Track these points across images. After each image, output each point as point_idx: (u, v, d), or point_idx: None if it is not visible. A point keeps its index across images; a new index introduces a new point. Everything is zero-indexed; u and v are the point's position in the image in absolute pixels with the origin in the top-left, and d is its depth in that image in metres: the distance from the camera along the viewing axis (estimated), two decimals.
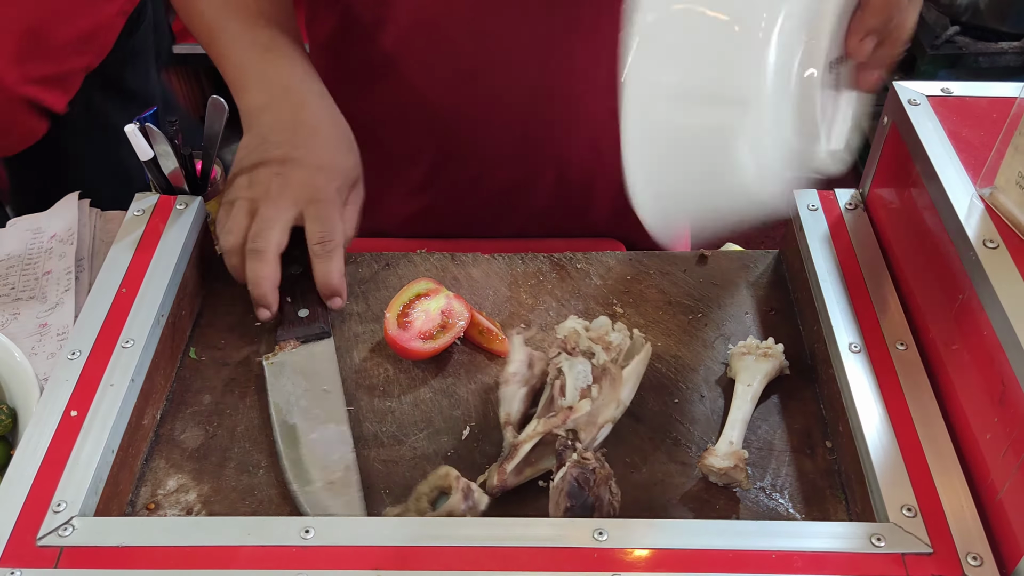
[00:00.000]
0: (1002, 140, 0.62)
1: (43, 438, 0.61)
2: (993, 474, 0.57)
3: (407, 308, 0.74)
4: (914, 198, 0.70)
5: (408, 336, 0.73)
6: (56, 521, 0.57)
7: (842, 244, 0.76)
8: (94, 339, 0.68)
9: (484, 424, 0.70)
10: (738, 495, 0.65)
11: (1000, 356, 0.56)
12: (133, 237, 0.76)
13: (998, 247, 0.59)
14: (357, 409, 0.71)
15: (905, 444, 0.60)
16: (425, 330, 0.73)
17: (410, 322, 0.73)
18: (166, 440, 0.69)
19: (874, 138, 0.78)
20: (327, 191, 0.76)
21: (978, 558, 0.54)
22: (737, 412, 0.68)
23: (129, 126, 0.77)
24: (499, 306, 0.80)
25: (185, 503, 0.65)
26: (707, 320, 0.78)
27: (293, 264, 0.77)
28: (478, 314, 0.76)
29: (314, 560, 0.55)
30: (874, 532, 0.56)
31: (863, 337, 0.68)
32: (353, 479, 0.65)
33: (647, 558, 0.55)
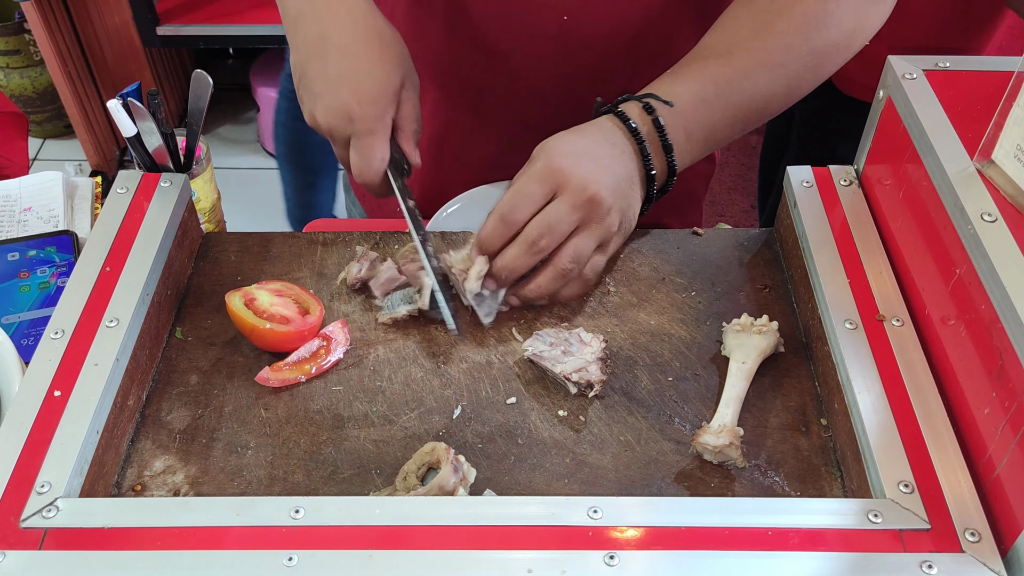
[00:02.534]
0: (999, 113, 0.62)
1: (26, 418, 0.60)
2: (991, 449, 0.57)
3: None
4: (910, 173, 0.69)
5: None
6: (40, 502, 0.56)
7: (837, 220, 0.75)
8: (77, 318, 0.67)
9: (475, 403, 0.69)
10: (733, 473, 0.64)
11: (998, 330, 0.56)
12: (117, 215, 0.75)
13: (996, 220, 0.59)
14: (347, 389, 0.70)
15: (901, 420, 0.60)
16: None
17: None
18: (152, 421, 0.68)
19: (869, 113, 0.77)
20: (365, 121, 0.74)
21: (976, 534, 0.54)
22: (732, 390, 0.68)
23: (112, 101, 0.76)
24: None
25: (172, 484, 0.64)
26: (701, 298, 0.78)
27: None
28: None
29: (304, 540, 0.54)
30: (871, 508, 0.55)
31: (858, 313, 0.67)
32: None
33: (642, 536, 0.54)
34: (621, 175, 0.74)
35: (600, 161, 0.73)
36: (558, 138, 0.75)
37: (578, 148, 0.74)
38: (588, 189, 0.71)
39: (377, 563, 0.53)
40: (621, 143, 0.76)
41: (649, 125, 0.76)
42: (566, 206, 0.71)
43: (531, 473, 0.65)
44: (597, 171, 0.72)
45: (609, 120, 0.77)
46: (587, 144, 0.75)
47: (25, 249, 0.91)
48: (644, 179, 0.77)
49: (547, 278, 0.73)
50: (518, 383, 0.71)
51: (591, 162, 0.73)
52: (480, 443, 0.67)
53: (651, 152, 0.76)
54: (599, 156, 0.74)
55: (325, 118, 0.75)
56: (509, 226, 0.72)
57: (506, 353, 0.73)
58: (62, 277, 0.87)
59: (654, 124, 0.76)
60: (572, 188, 0.71)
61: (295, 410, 0.69)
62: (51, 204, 0.99)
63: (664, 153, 0.77)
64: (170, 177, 0.79)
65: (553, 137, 0.75)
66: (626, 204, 0.75)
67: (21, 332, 0.82)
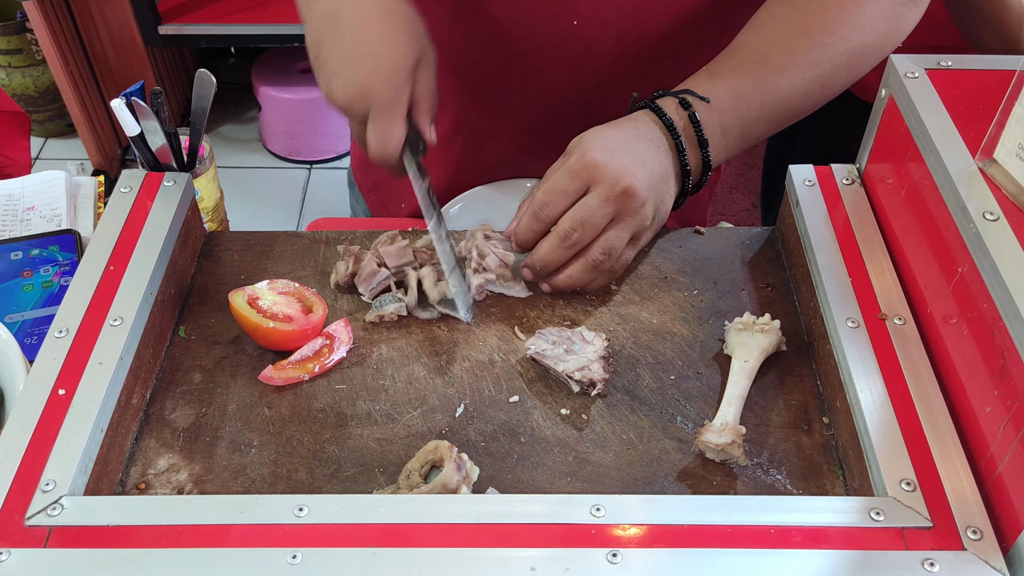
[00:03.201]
0: (1002, 112, 0.62)
1: (31, 417, 0.60)
2: (993, 448, 0.57)
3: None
4: (912, 172, 0.70)
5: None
6: (45, 501, 0.56)
7: (839, 219, 0.75)
8: (81, 317, 0.67)
9: (478, 401, 0.69)
10: (735, 471, 0.65)
11: (1000, 329, 0.56)
12: (120, 214, 0.75)
13: (998, 219, 0.59)
14: (350, 387, 0.71)
15: (904, 418, 0.60)
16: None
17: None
18: (156, 419, 0.68)
19: (871, 112, 0.77)
20: (382, 99, 0.72)
21: (978, 532, 0.54)
22: (734, 388, 0.68)
23: (115, 101, 0.76)
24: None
25: (176, 483, 0.64)
26: (703, 296, 0.78)
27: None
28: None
29: (308, 538, 0.54)
30: (873, 506, 0.55)
31: (860, 312, 0.67)
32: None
33: (644, 534, 0.54)
34: (656, 169, 0.75)
35: (635, 155, 0.74)
36: (594, 132, 0.76)
37: (613, 142, 0.74)
38: (622, 182, 0.72)
39: (380, 561, 0.53)
40: (657, 138, 0.76)
41: (685, 120, 0.77)
42: (599, 199, 0.72)
43: (534, 471, 0.65)
44: (632, 164, 0.73)
45: (645, 115, 0.78)
46: (623, 138, 0.75)
47: (28, 248, 0.91)
48: (679, 174, 0.78)
49: (579, 269, 0.75)
50: (520, 381, 0.71)
51: (626, 155, 0.73)
52: (483, 441, 0.67)
53: (687, 147, 0.77)
54: (634, 150, 0.74)
55: (343, 95, 0.73)
56: (543, 222, 0.74)
57: (508, 351, 0.73)
58: (65, 276, 0.88)
59: (690, 119, 0.77)
60: (606, 182, 0.72)
61: (298, 408, 0.69)
62: (54, 203, 0.99)
63: (700, 148, 0.77)
64: (173, 176, 0.79)
65: (588, 131, 0.76)
66: (659, 198, 0.76)
67: (24, 331, 0.82)
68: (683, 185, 0.79)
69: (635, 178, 0.72)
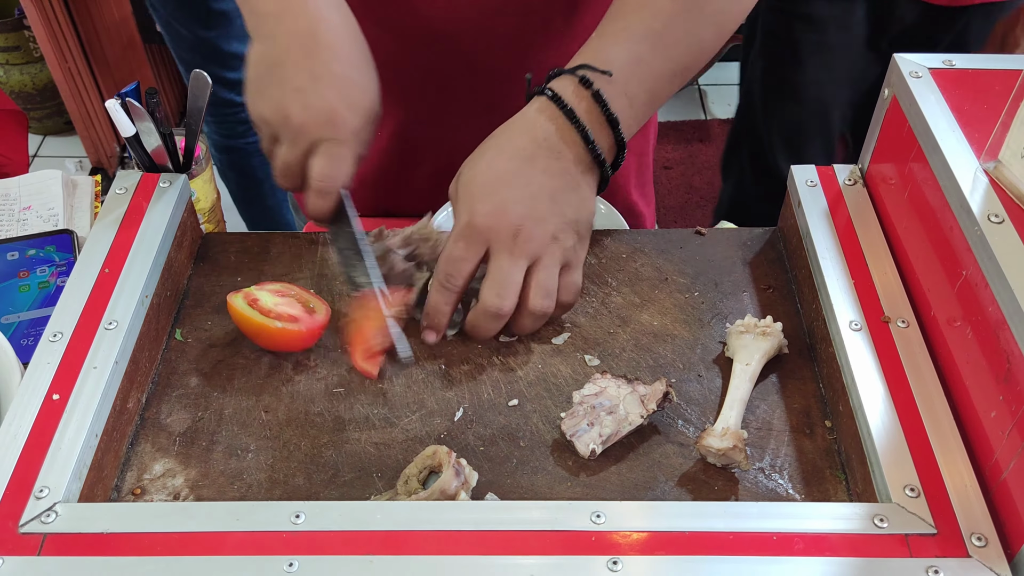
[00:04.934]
0: (1007, 113, 0.61)
1: (24, 422, 0.60)
2: (997, 453, 0.56)
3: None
4: (915, 173, 0.69)
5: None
6: (39, 507, 0.55)
7: (841, 220, 0.74)
8: (76, 321, 0.66)
9: (477, 405, 0.69)
10: (737, 476, 0.64)
11: (1005, 333, 0.55)
12: (116, 215, 0.75)
13: (1003, 222, 0.58)
14: (348, 391, 0.70)
15: (907, 423, 0.59)
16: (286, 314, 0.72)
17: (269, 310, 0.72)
18: (152, 424, 0.68)
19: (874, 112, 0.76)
20: (345, 128, 0.70)
21: (983, 538, 0.53)
22: (735, 392, 0.67)
23: (110, 101, 0.75)
24: None
25: (172, 488, 0.63)
26: (704, 298, 0.77)
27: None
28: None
29: (305, 546, 0.53)
30: (877, 513, 0.55)
31: (863, 315, 0.67)
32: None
33: (645, 540, 0.54)
34: (556, 187, 0.71)
35: (524, 185, 0.70)
36: (473, 167, 0.72)
37: (495, 175, 0.70)
38: (521, 232, 0.68)
39: (378, 568, 0.52)
40: (554, 142, 0.71)
41: (588, 101, 0.71)
42: (507, 259, 0.69)
43: (533, 476, 0.64)
44: (523, 201, 0.69)
45: (539, 111, 0.72)
46: (508, 164, 0.71)
47: (24, 248, 0.90)
48: (593, 164, 0.72)
49: (529, 321, 0.72)
50: (520, 385, 0.70)
51: (514, 191, 0.69)
52: (482, 446, 0.66)
53: (593, 134, 0.71)
54: (522, 176, 0.70)
55: (301, 115, 0.69)
56: (452, 292, 0.71)
57: (508, 355, 0.73)
58: (62, 276, 0.87)
59: (594, 98, 0.71)
60: (503, 238, 0.69)
61: (295, 413, 0.68)
62: (51, 203, 0.98)
63: (610, 128, 0.72)
64: (169, 177, 0.78)
65: (468, 165, 0.72)
66: (572, 214, 0.71)
67: (21, 332, 0.82)
68: (602, 172, 0.73)
69: (531, 219, 0.68)
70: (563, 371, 0.71)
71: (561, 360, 0.72)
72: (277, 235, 0.83)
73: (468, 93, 0.94)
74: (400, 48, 0.84)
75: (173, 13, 1.73)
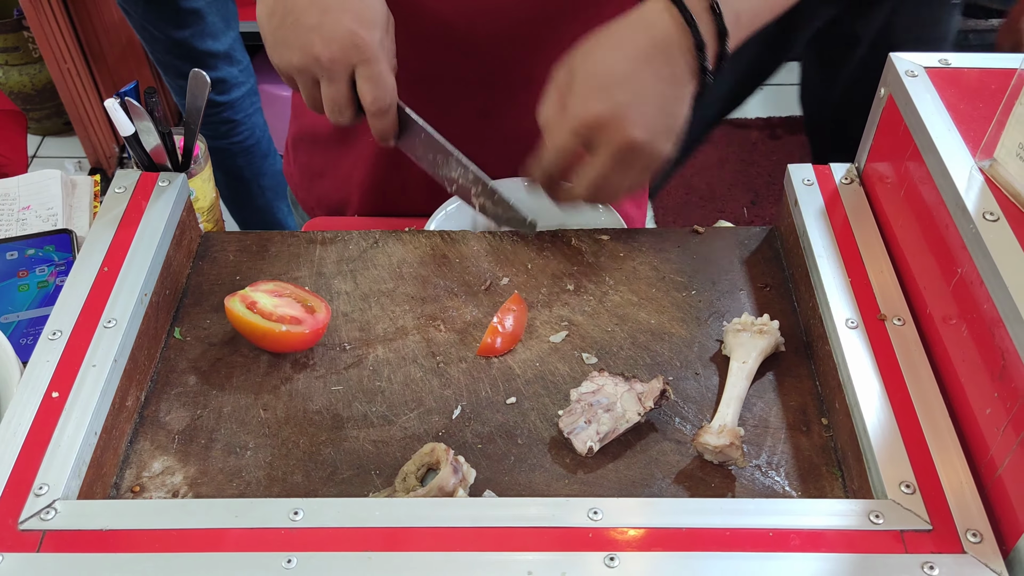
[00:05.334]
0: (1002, 111, 0.61)
1: (24, 420, 0.60)
2: (992, 450, 0.57)
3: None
4: (911, 171, 0.69)
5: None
6: (38, 504, 0.56)
7: (838, 219, 0.74)
8: (75, 319, 0.66)
9: (475, 403, 0.69)
10: (733, 473, 0.64)
11: (1000, 330, 0.55)
12: (115, 214, 0.75)
13: (998, 220, 0.58)
14: (346, 389, 0.70)
15: (903, 420, 0.60)
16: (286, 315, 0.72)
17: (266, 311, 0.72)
18: (151, 422, 0.68)
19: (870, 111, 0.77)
20: (372, 47, 0.72)
21: (978, 535, 0.54)
22: (732, 390, 0.68)
23: (109, 101, 0.76)
24: (489, 284, 0.79)
25: (171, 485, 0.64)
26: (701, 297, 0.77)
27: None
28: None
29: (303, 542, 0.54)
30: (872, 509, 0.55)
31: (859, 313, 0.67)
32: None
33: (642, 537, 0.54)
34: (667, 95, 0.71)
35: (639, 84, 0.70)
36: (586, 58, 0.72)
37: (611, 74, 0.70)
38: (627, 136, 0.69)
39: (376, 565, 0.53)
40: (668, 42, 0.70)
41: (707, 11, 0.70)
42: (608, 161, 0.71)
43: (531, 473, 0.64)
44: (636, 104, 0.69)
45: (661, 11, 0.71)
46: (622, 66, 0.70)
47: (24, 248, 0.91)
48: (697, 71, 0.71)
49: (577, 199, 0.76)
50: (518, 383, 0.71)
51: (628, 91, 0.69)
52: (480, 443, 0.66)
53: (706, 40, 0.70)
54: (636, 80, 0.70)
55: (326, 49, 0.71)
56: (557, 178, 0.76)
57: (506, 353, 0.73)
58: (61, 276, 0.87)
59: (711, 9, 0.70)
60: (612, 139, 0.70)
61: (294, 411, 0.69)
62: (50, 202, 0.99)
63: (718, 40, 0.71)
64: (168, 176, 0.79)
65: (581, 56, 0.72)
66: (675, 124, 0.72)
67: (20, 331, 0.82)
68: (702, 81, 0.72)
69: (641, 126, 0.69)
70: (561, 369, 0.72)
71: (559, 358, 0.72)
72: (276, 234, 0.83)
73: (461, 96, 0.94)
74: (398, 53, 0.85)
75: (144, 15, 1.73)
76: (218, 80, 1.83)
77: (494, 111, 0.93)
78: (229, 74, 1.85)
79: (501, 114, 0.93)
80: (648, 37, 0.70)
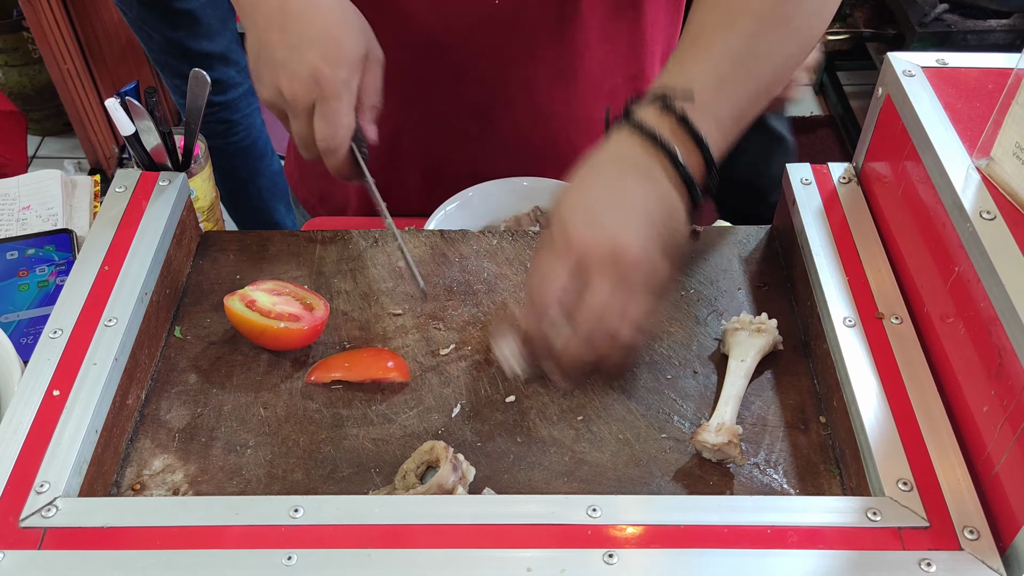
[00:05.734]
0: (999, 111, 0.62)
1: (25, 418, 0.60)
2: (989, 447, 0.57)
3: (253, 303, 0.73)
4: (909, 170, 0.69)
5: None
6: (39, 502, 0.56)
7: (836, 218, 0.75)
8: (76, 317, 0.67)
9: (474, 401, 0.69)
10: (732, 471, 0.64)
11: (997, 328, 0.55)
12: (115, 214, 0.75)
13: (995, 219, 0.59)
14: (346, 387, 0.70)
15: (900, 418, 0.60)
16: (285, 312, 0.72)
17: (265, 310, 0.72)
18: (151, 420, 0.68)
19: (868, 110, 0.77)
20: (333, 84, 0.72)
21: (975, 532, 0.54)
22: (731, 388, 0.68)
23: (110, 100, 0.76)
24: (489, 283, 0.79)
25: (171, 483, 0.64)
26: (699, 296, 0.78)
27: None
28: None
29: (304, 539, 0.54)
30: (870, 506, 0.55)
31: (857, 311, 0.67)
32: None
33: (641, 534, 0.54)
34: (653, 210, 0.65)
35: (623, 209, 0.65)
36: (569, 193, 0.67)
37: (593, 200, 0.66)
38: (620, 257, 0.63)
39: (376, 562, 0.53)
40: (643, 163, 0.66)
41: (672, 123, 0.67)
42: (606, 287, 0.63)
43: (530, 471, 0.65)
44: (622, 224, 0.64)
45: (625, 139, 0.68)
46: (602, 190, 0.66)
47: (24, 248, 0.91)
48: (682, 185, 0.67)
49: (617, 357, 0.66)
50: (517, 381, 0.71)
51: (612, 215, 0.64)
52: (479, 441, 0.67)
53: (683, 156, 0.66)
54: (619, 200, 0.65)
55: (289, 85, 0.72)
56: (544, 308, 0.65)
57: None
58: (61, 275, 0.87)
59: (680, 122, 0.66)
60: (600, 263, 0.63)
61: (294, 409, 0.69)
62: (50, 202, 0.99)
63: (698, 149, 0.67)
64: (168, 176, 0.79)
65: (564, 191, 0.67)
66: (667, 236, 0.66)
67: (20, 331, 0.82)
68: (692, 195, 0.67)
69: (630, 244, 0.63)
70: None
71: None
72: (276, 233, 0.84)
73: (458, 99, 0.94)
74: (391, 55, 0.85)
75: (140, 15, 1.73)
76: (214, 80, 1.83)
77: (491, 114, 0.94)
78: (225, 75, 1.85)
79: (498, 116, 0.94)
80: (617, 165, 0.67)
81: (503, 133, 0.75)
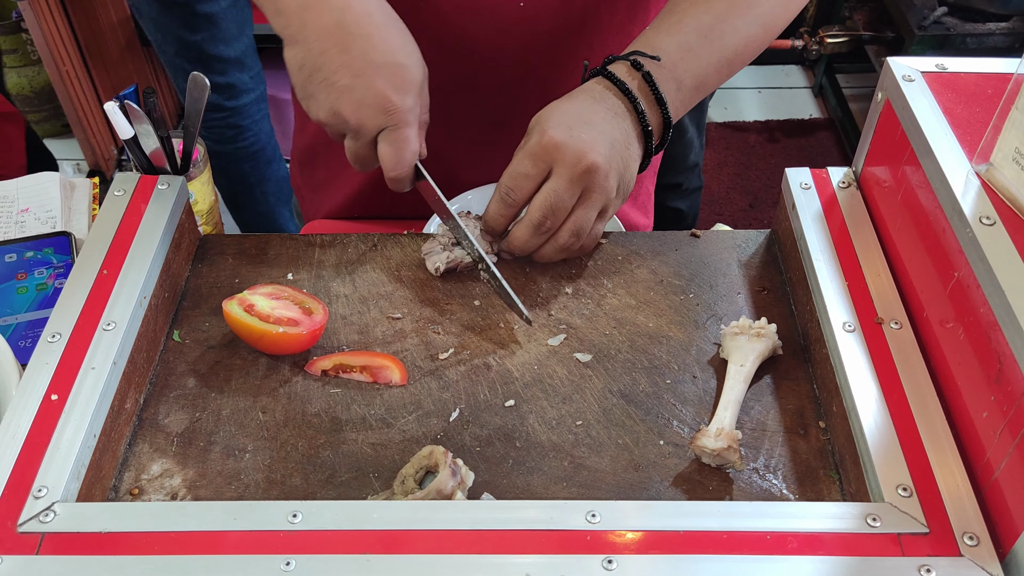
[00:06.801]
0: (998, 116, 0.62)
1: (23, 422, 0.60)
2: (989, 453, 0.57)
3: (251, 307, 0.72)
4: (908, 175, 0.69)
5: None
6: (37, 507, 0.56)
7: (835, 222, 0.75)
8: (74, 322, 0.66)
9: (473, 406, 0.69)
10: (731, 476, 0.64)
11: (996, 334, 0.55)
12: (114, 217, 0.75)
13: (994, 224, 0.59)
14: (345, 392, 0.70)
15: (900, 423, 0.60)
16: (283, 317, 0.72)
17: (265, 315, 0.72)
18: (150, 424, 0.68)
19: (867, 115, 0.77)
20: (402, 112, 0.72)
21: (974, 538, 0.54)
22: (730, 393, 0.68)
23: (109, 104, 0.76)
24: (487, 287, 0.79)
25: (170, 488, 0.64)
26: (699, 300, 0.77)
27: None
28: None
29: (302, 545, 0.54)
30: (869, 512, 0.55)
31: (857, 316, 0.67)
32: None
33: (640, 540, 0.54)
34: (616, 137, 0.75)
35: (594, 127, 0.74)
36: (550, 109, 0.76)
37: (570, 117, 0.75)
38: (584, 160, 0.72)
39: (375, 567, 0.53)
40: (614, 104, 0.77)
41: (639, 80, 0.77)
42: (564, 181, 0.73)
43: (529, 476, 0.65)
44: (591, 138, 0.73)
45: (598, 83, 0.78)
46: (579, 111, 0.75)
47: (22, 250, 0.91)
48: (641, 136, 0.78)
49: (551, 251, 0.78)
50: (516, 386, 0.71)
51: (584, 129, 0.74)
52: (478, 446, 0.67)
53: (645, 108, 0.77)
54: (592, 122, 0.75)
55: (355, 113, 0.71)
56: (511, 207, 0.76)
57: (504, 356, 0.73)
58: (59, 278, 0.87)
59: (644, 79, 0.77)
60: (568, 161, 0.73)
61: (293, 413, 0.69)
62: (48, 205, 0.99)
63: (658, 106, 0.78)
64: (167, 179, 0.79)
65: (545, 108, 0.76)
66: (623, 166, 0.76)
67: (19, 334, 0.82)
68: (646, 146, 0.79)
69: (596, 152, 0.73)
70: (559, 372, 0.72)
71: (557, 361, 0.73)
72: (275, 237, 0.84)
73: (475, 106, 0.94)
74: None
75: (158, 18, 1.73)
76: (227, 85, 1.83)
77: (508, 120, 0.93)
78: (239, 80, 1.85)
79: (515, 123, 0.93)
80: (592, 100, 0.77)
81: (518, 141, 0.76)
